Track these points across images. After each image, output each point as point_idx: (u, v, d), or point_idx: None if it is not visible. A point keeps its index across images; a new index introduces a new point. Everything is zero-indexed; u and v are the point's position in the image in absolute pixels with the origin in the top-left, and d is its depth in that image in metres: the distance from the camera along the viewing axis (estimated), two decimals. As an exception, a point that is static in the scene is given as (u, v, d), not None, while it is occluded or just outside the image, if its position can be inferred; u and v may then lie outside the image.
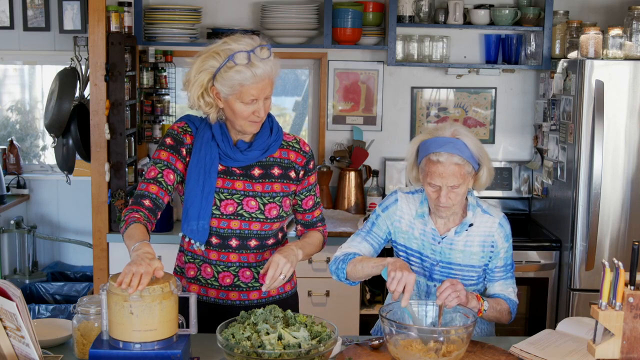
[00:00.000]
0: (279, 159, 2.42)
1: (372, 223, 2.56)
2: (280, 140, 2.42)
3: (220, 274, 2.41)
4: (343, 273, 2.45)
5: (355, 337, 2.36)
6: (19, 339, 1.93)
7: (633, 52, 3.60)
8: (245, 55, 2.20)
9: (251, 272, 2.41)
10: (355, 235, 2.58)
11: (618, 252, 3.62)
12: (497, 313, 2.42)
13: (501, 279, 2.49)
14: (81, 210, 4.70)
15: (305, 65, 4.49)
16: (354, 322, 3.88)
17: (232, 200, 2.35)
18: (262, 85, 2.23)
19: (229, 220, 2.35)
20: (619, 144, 3.58)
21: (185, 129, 2.39)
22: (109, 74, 3.74)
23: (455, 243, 2.45)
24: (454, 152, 2.32)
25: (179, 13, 4.15)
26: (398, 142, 4.45)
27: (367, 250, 2.53)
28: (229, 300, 2.42)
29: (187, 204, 2.35)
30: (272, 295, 2.47)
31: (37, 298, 4.49)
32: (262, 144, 2.37)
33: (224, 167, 2.37)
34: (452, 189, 2.34)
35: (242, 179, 2.37)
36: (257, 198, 2.37)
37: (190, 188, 2.33)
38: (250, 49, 2.22)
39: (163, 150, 2.35)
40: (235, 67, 2.20)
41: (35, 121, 4.96)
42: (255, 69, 2.21)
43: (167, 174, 2.32)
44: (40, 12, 4.52)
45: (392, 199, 2.54)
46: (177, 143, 2.37)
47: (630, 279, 1.90)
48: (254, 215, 2.36)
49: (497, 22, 4.16)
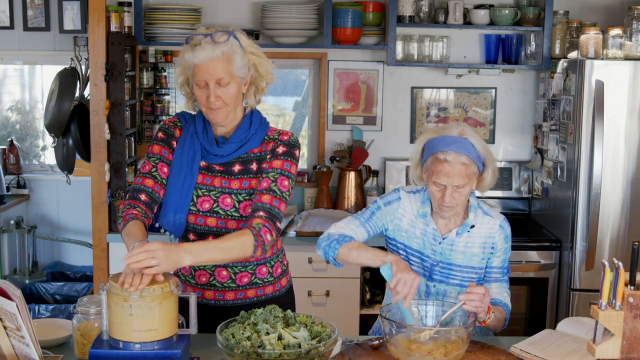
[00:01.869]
0: (258, 154, 2.37)
1: (372, 212, 2.51)
2: (262, 135, 2.37)
3: (197, 272, 2.40)
4: (334, 253, 2.36)
5: (355, 337, 2.36)
6: (19, 339, 1.93)
7: (633, 52, 3.60)
8: (200, 37, 2.23)
9: (227, 272, 2.39)
10: (354, 219, 2.50)
11: (618, 252, 3.62)
12: (496, 322, 2.39)
13: (497, 281, 2.48)
14: (81, 210, 4.69)
15: (305, 65, 4.49)
16: (354, 322, 3.88)
17: (209, 197, 2.35)
18: (212, 68, 2.21)
19: (205, 217, 2.35)
20: (619, 144, 3.58)
21: (176, 123, 2.42)
22: (109, 74, 3.74)
23: (456, 244, 2.45)
24: (461, 151, 2.32)
25: (179, 13, 4.15)
26: (398, 142, 4.45)
27: (362, 238, 2.47)
28: (205, 299, 2.41)
29: (166, 196, 2.36)
30: (249, 298, 2.42)
31: (37, 298, 4.49)
32: (238, 137, 2.34)
33: (206, 164, 2.36)
34: (456, 189, 2.34)
35: (220, 176, 2.35)
36: (232, 195, 2.34)
37: (171, 181, 2.35)
38: (211, 33, 2.23)
39: (156, 144, 2.39)
40: (188, 47, 2.24)
41: (35, 121, 4.96)
42: (202, 50, 2.20)
43: (161, 167, 2.35)
44: (40, 12, 4.51)
45: (395, 196, 2.52)
46: (168, 136, 2.39)
47: (630, 279, 1.90)
48: (229, 213, 2.34)
49: (497, 22, 4.16)
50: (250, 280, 2.41)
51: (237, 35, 2.26)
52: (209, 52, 2.21)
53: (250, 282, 2.41)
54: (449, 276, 2.45)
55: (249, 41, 2.31)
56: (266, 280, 2.44)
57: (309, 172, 4.47)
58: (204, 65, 2.22)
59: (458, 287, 2.46)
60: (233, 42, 2.24)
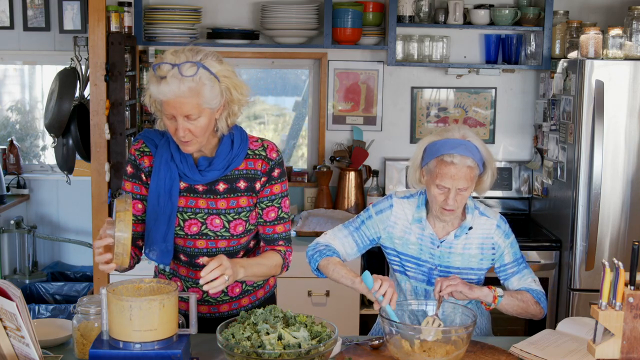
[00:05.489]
0: (244, 171, 2.28)
1: (361, 221, 2.52)
2: (244, 151, 2.27)
3: (190, 289, 2.35)
4: (315, 264, 2.44)
5: (355, 337, 2.36)
6: (19, 339, 1.93)
7: (633, 52, 3.60)
8: (167, 68, 2.05)
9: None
10: (344, 227, 2.53)
11: (618, 252, 3.62)
12: (520, 302, 2.38)
13: (515, 274, 2.48)
14: (81, 210, 4.70)
15: (305, 65, 4.49)
16: (354, 322, 3.88)
17: (196, 220, 2.26)
18: (178, 104, 2.06)
19: (194, 240, 2.28)
20: (619, 144, 3.58)
21: (143, 150, 2.29)
22: (109, 74, 3.74)
23: (454, 246, 2.44)
24: (467, 154, 2.32)
25: (179, 13, 4.15)
26: (398, 142, 4.45)
27: (350, 247, 2.50)
28: (200, 312, 2.35)
29: (148, 227, 2.25)
30: (243, 306, 2.41)
31: (37, 298, 4.50)
32: (222, 162, 2.23)
33: (186, 185, 2.26)
34: (459, 192, 2.34)
35: (205, 197, 2.26)
36: (221, 216, 2.26)
37: (150, 211, 2.24)
38: (180, 62, 2.05)
39: (127, 181, 2.30)
40: (153, 78, 2.08)
41: (35, 121, 4.96)
42: (167, 85, 2.04)
43: (134, 205, 2.27)
44: (40, 12, 4.52)
45: (386, 204, 2.51)
46: (136, 170, 2.29)
47: (630, 279, 1.90)
48: (219, 234, 2.28)
49: (497, 22, 4.16)
50: (242, 289, 2.40)
51: (207, 64, 2.08)
52: (175, 89, 2.04)
53: (242, 290, 2.40)
54: (448, 279, 2.45)
55: (222, 66, 2.13)
56: (256, 285, 2.44)
57: (309, 172, 4.47)
58: (171, 101, 2.06)
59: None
60: (202, 74, 2.06)
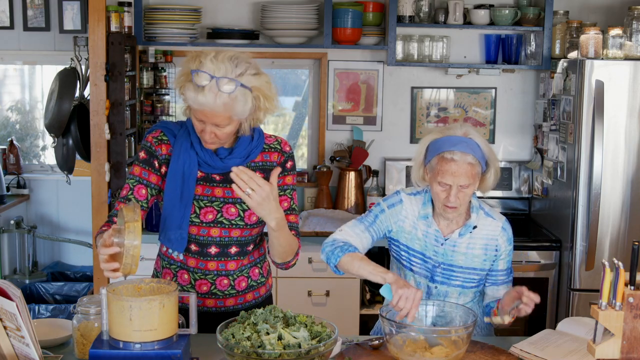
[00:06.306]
0: (260, 163, 2.35)
1: (375, 215, 2.51)
2: (261, 146, 2.34)
3: (198, 281, 2.36)
4: (336, 260, 2.38)
5: (355, 337, 2.36)
6: (19, 339, 1.93)
7: (633, 52, 3.60)
8: (206, 78, 2.10)
9: (228, 280, 2.37)
10: (359, 222, 2.51)
11: (618, 252, 3.62)
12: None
13: (504, 283, 2.51)
14: (81, 210, 4.70)
15: (305, 65, 4.49)
16: (354, 322, 3.88)
17: (212, 208, 2.30)
18: (210, 114, 2.14)
19: (208, 227, 2.30)
20: (619, 144, 3.58)
21: (161, 138, 2.32)
22: (109, 74, 3.74)
23: (458, 245, 2.45)
24: (468, 151, 2.33)
25: (179, 13, 4.15)
26: (398, 142, 4.45)
27: (367, 242, 2.48)
28: (205, 307, 2.37)
29: (165, 213, 2.30)
30: (248, 301, 2.43)
31: (37, 298, 4.50)
32: (243, 151, 2.30)
33: (203, 174, 2.31)
34: (461, 189, 2.34)
35: (221, 186, 2.31)
36: (236, 205, 2.31)
37: (168, 197, 2.27)
38: (219, 75, 2.10)
39: (137, 165, 2.31)
40: (191, 84, 2.13)
41: (35, 121, 4.97)
42: (204, 97, 2.10)
43: (139, 190, 2.28)
44: (40, 12, 4.52)
45: (397, 198, 2.52)
46: (150, 156, 2.30)
47: (630, 279, 1.90)
48: (234, 222, 2.31)
49: (497, 22, 4.15)
50: (248, 284, 2.41)
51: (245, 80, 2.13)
52: (210, 102, 2.10)
53: (248, 285, 2.41)
54: (450, 277, 2.46)
55: (259, 80, 2.18)
56: (259, 281, 2.45)
57: (309, 172, 4.47)
58: (204, 110, 2.14)
59: (459, 288, 2.46)
60: (238, 91, 2.12)
